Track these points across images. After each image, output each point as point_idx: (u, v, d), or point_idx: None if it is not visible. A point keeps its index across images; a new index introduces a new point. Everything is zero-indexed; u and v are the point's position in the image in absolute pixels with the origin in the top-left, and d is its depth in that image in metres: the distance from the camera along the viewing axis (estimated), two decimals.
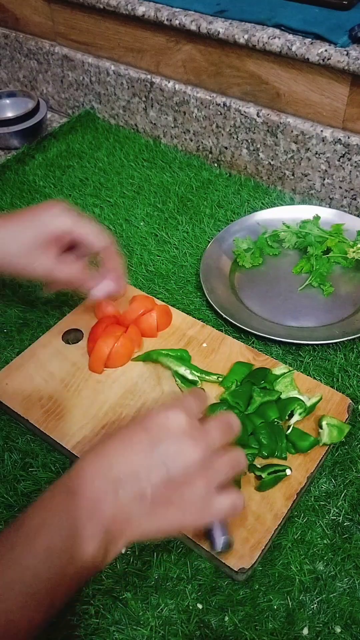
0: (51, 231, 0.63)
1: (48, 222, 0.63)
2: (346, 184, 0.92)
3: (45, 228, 0.63)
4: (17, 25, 1.23)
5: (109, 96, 1.15)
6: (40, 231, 0.63)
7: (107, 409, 0.67)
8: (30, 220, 0.63)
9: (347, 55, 0.80)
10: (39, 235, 0.63)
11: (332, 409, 0.65)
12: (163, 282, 0.85)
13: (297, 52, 0.83)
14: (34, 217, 0.63)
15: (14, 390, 0.69)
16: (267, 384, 0.67)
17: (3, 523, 0.60)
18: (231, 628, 0.52)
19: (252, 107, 0.96)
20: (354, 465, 0.63)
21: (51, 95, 1.28)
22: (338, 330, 0.75)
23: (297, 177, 0.97)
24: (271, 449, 0.61)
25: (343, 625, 0.52)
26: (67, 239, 0.65)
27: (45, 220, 0.63)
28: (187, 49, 0.98)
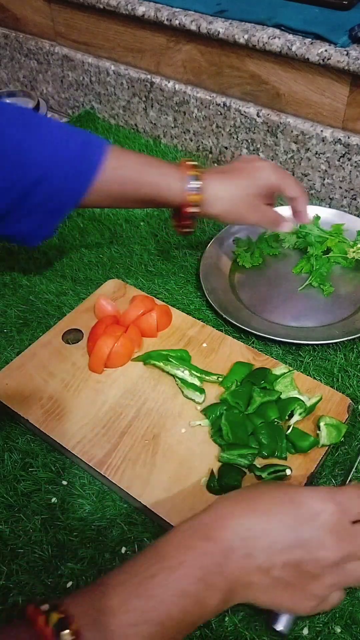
0: (262, 187, 0.73)
1: (259, 179, 0.72)
2: (346, 184, 0.92)
3: (258, 184, 0.72)
4: (17, 25, 1.23)
5: (109, 96, 1.15)
6: (254, 187, 0.72)
7: (107, 409, 0.67)
8: (245, 177, 0.72)
9: (347, 55, 0.80)
10: (252, 191, 0.72)
11: (332, 409, 0.65)
12: (163, 282, 0.85)
13: (297, 52, 0.83)
14: (249, 175, 0.72)
15: (14, 390, 0.69)
16: (267, 384, 0.67)
17: (3, 523, 0.60)
18: (231, 628, 0.52)
19: (252, 107, 0.96)
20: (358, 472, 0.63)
21: (51, 95, 1.28)
22: (338, 330, 0.75)
23: (297, 177, 0.97)
24: (271, 449, 0.61)
25: (343, 625, 0.52)
26: (270, 191, 0.74)
27: (257, 177, 0.72)
28: (187, 49, 0.98)
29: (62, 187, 0.67)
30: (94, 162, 0.67)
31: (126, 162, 0.69)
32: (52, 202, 0.67)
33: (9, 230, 0.69)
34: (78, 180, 0.67)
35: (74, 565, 0.57)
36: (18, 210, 0.67)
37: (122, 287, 0.81)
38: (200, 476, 0.60)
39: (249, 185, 0.72)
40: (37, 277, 0.86)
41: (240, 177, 0.72)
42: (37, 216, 0.68)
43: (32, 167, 0.64)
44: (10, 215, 0.67)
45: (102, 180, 0.68)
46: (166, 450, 0.63)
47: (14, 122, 0.65)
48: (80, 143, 0.67)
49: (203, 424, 0.65)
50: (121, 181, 0.69)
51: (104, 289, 0.81)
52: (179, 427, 0.65)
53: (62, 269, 0.87)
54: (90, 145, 0.68)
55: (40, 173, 0.65)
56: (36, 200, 0.66)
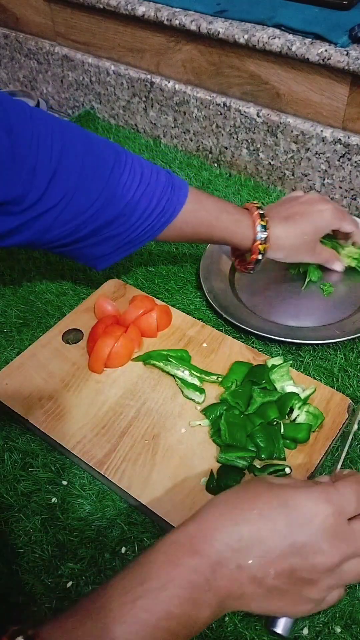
0: (322, 231, 0.77)
1: (320, 225, 0.76)
2: (346, 184, 0.92)
3: (319, 230, 0.77)
4: (17, 25, 1.23)
5: (109, 96, 1.15)
6: (314, 233, 0.77)
7: (107, 409, 0.67)
8: (308, 223, 0.75)
9: (347, 55, 0.80)
10: (312, 237, 0.77)
11: (332, 409, 0.65)
12: (163, 282, 0.85)
13: (297, 52, 0.83)
14: (311, 221, 0.75)
15: (14, 390, 0.69)
16: (268, 384, 0.67)
17: (2, 523, 0.60)
18: (231, 628, 0.52)
19: (252, 107, 0.96)
20: (354, 465, 0.63)
21: (51, 95, 1.28)
22: (338, 330, 0.75)
23: (297, 177, 0.97)
24: (269, 452, 0.61)
25: (343, 625, 0.52)
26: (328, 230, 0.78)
27: (319, 222, 0.76)
28: (187, 49, 0.98)
29: (142, 224, 0.70)
30: (177, 204, 0.70)
31: (204, 205, 0.72)
32: (130, 235, 0.70)
33: (82, 251, 0.71)
34: (159, 220, 0.70)
35: (74, 565, 0.57)
36: (96, 237, 0.69)
37: (122, 287, 0.81)
38: (200, 476, 0.60)
39: (311, 232, 0.76)
40: (37, 277, 0.86)
41: (302, 223, 0.75)
42: (112, 244, 0.71)
43: (118, 202, 0.67)
44: (87, 239, 0.69)
45: (179, 221, 0.71)
46: (166, 450, 0.63)
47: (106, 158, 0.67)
48: (165, 183, 0.70)
49: (203, 424, 0.65)
50: (197, 224, 0.72)
51: (104, 289, 0.81)
52: (179, 427, 0.65)
53: (62, 269, 0.87)
54: (173, 186, 0.70)
55: (125, 209, 0.68)
56: (116, 231, 0.69)
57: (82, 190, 0.65)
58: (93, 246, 0.70)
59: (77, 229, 0.66)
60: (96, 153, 0.67)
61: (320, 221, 0.76)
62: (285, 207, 0.77)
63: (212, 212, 0.72)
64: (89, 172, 0.65)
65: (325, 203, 0.77)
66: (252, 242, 0.73)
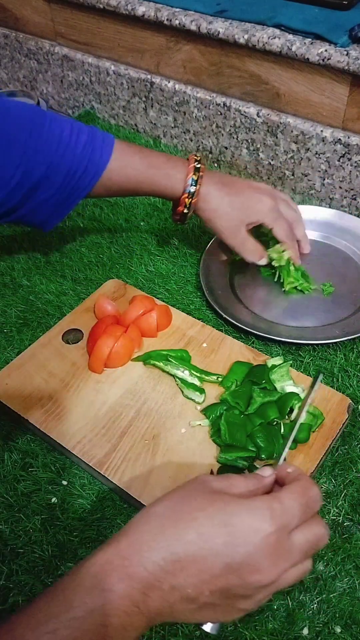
0: (251, 220, 0.76)
1: (252, 211, 0.75)
2: (346, 184, 0.92)
3: (248, 215, 0.75)
4: (17, 25, 1.23)
5: (109, 96, 1.15)
6: (243, 215, 0.75)
7: (107, 409, 0.67)
8: (240, 202, 0.75)
9: (347, 55, 0.80)
10: (240, 216, 0.75)
11: (332, 409, 0.65)
12: (163, 282, 0.85)
13: (297, 52, 0.83)
14: (244, 202, 0.75)
15: (14, 390, 0.69)
16: (268, 385, 0.67)
17: (3, 523, 0.60)
18: (231, 628, 0.52)
19: (252, 107, 0.96)
20: (354, 465, 0.63)
21: (51, 95, 1.28)
22: (338, 330, 0.75)
23: (297, 177, 0.97)
24: (269, 452, 0.61)
25: (343, 625, 0.52)
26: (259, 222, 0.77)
27: (251, 208, 0.75)
28: (187, 49, 0.98)
29: (69, 184, 0.71)
30: (99, 163, 0.71)
31: (130, 162, 0.73)
32: (60, 197, 0.72)
33: (23, 218, 0.73)
34: (84, 179, 0.71)
35: (74, 565, 0.56)
36: (28, 204, 0.71)
37: (122, 287, 0.81)
38: None
39: (239, 211, 0.75)
40: (37, 277, 0.86)
41: (236, 197, 0.75)
42: (45, 209, 0.73)
43: (39, 166, 0.68)
44: (22, 207, 0.71)
45: (104, 178, 0.72)
46: (166, 450, 0.63)
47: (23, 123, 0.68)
48: (85, 142, 0.71)
49: (203, 424, 0.65)
50: (123, 181, 0.74)
51: (104, 289, 0.81)
52: (179, 427, 0.65)
53: (62, 269, 0.87)
54: (94, 145, 0.71)
55: (48, 172, 0.69)
56: (43, 196, 0.71)
57: (1, 158, 0.66)
58: (30, 214, 0.72)
59: (6, 199, 0.68)
60: (12, 116, 0.68)
61: (253, 208, 0.75)
62: (229, 178, 0.77)
63: (140, 168, 0.73)
64: (5, 138, 0.66)
65: (270, 197, 0.76)
66: (180, 194, 0.74)
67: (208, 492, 0.42)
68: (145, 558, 0.38)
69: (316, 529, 0.42)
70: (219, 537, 0.39)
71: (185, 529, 0.39)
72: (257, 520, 0.39)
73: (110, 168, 0.72)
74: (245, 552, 0.39)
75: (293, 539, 0.40)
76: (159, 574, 0.38)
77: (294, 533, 0.41)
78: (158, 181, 0.73)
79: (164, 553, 0.39)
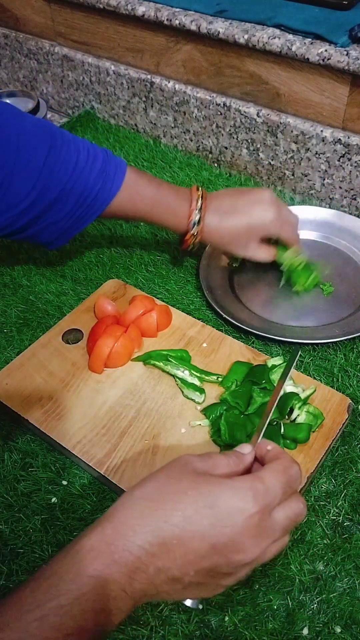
0: (257, 232, 0.76)
1: (256, 224, 0.75)
2: (346, 184, 0.92)
3: (254, 228, 0.76)
4: (17, 25, 1.23)
5: (109, 96, 1.15)
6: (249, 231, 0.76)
7: (107, 409, 0.67)
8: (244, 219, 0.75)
9: (347, 55, 0.80)
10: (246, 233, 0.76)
11: (332, 409, 0.65)
12: (163, 282, 0.85)
13: (297, 52, 0.83)
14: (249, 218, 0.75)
15: (14, 390, 0.69)
16: (268, 385, 0.67)
17: (3, 523, 0.60)
18: (231, 628, 0.52)
19: (252, 107, 0.96)
20: (354, 465, 0.63)
21: (51, 95, 1.28)
22: (338, 330, 0.75)
23: (297, 177, 0.97)
24: None
25: (343, 625, 0.52)
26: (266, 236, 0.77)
27: (255, 221, 0.75)
28: (187, 49, 0.98)
29: (79, 209, 0.72)
30: (111, 189, 0.72)
31: (140, 192, 0.74)
32: (69, 220, 0.73)
33: (30, 238, 0.74)
34: (94, 204, 0.72)
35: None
36: (37, 225, 0.71)
37: (122, 287, 0.81)
38: None
39: (244, 230, 0.75)
40: (37, 277, 0.86)
41: (238, 220, 0.75)
42: (53, 231, 0.73)
43: (54, 187, 0.69)
44: (31, 228, 0.71)
45: (114, 204, 0.73)
46: (166, 450, 0.63)
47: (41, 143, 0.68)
48: (100, 169, 0.71)
49: (203, 424, 0.65)
50: (132, 209, 0.75)
51: (104, 289, 0.81)
52: (179, 427, 0.65)
53: (62, 269, 0.87)
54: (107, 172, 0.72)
55: (61, 195, 0.69)
56: (54, 218, 0.71)
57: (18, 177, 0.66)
58: (37, 235, 0.73)
59: (15, 220, 0.69)
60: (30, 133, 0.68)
61: (257, 222, 0.75)
62: (230, 200, 0.76)
63: (148, 200, 0.74)
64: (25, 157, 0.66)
65: (272, 207, 0.75)
66: (184, 231, 0.75)
67: (192, 474, 0.42)
68: (130, 542, 0.39)
69: (295, 505, 0.43)
70: (204, 519, 0.40)
71: (170, 511, 0.40)
72: (241, 501, 0.40)
73: (120, 196, 0.73)
74: (231, 532, 0.40)
75: (274, 517, 0.42)
76: (145, 558, 0.39)
77: (275, 511, 0.42)
78: (164, 216, 0.75)
79: (149, 536, 0.39)
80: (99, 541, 0.39)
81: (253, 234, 0.76)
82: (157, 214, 0.75)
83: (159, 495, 0.41)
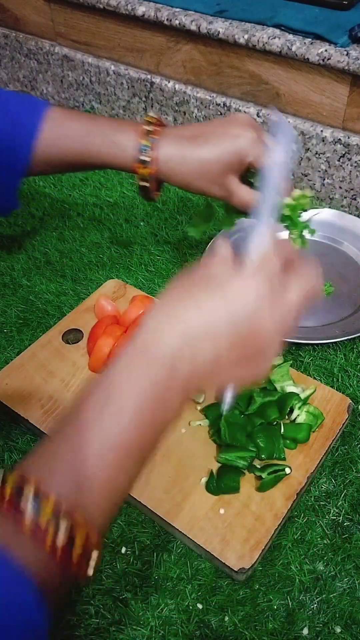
0: (230, 161, 0.62)
1: (228, 151, 0.62)
2: (346, 184, 0.92)
3: (225, 157, 0.62)
4: (17, 25, 1.23)
5: (109, 96, 1.15)
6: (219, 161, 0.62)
7: None
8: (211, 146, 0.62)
9: (347, 55, 0.80)
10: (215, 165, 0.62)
11: (332, 409, 0.65)
12: (163, 282, 0.85)
13: (297, 52, 0.83)
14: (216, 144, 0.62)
15: (13, 390, 0.69)
16: (268, 385, 0.67)
17: None
18: (231, 628, 0.52)
19: (252, 107, 0.96)
20: (354, 465, 0.63)
21: (51, 95, 1.28)
22: (338, 330, 0.75)
23: (297, 177, 0.97)
24: (269, 452, 0.61)
25: (343, 626, 0.52)
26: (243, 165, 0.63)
27: (226, 148, 0.62)
28: (187, 49, 0.98)
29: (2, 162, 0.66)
30: (28, 134, 0.64)
31: (67, 130, 0.65)
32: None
33: None
34: (16, 151, 0.65)
35: None
36: None
37: (122, 287, 0.81)
38: (200, 476, 0.60)
39: (214, 159, 0.62)
40: (37, 277, 0.86)
41: (205, 148, 0.62)
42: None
43: None
44: None
45: (42, 150, 0.65)
46: (166, 450, 0.63)
47: None
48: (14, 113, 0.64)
49: (203, 424, 0.65)
50: (63, 151, 0.65)
51: (104, 289, 0.81)
52: (178, 427, 0.65)
53: (62, 269, 0.87)
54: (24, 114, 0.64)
55: None
56: None
57: None
58: None
59: None
60: None
61: (232, 148, 0.62)
62: (195, 126, 0.65)
63: (78, 136, 0.64)
64: None
65: (245, 128, 0.62)
66: (132, 166, 0.63)
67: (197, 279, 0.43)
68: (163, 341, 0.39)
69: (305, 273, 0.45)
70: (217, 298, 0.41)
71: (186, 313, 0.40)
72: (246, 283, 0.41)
73: (44, 138, 0.64)
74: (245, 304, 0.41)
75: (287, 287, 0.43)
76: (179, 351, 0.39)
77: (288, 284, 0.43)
78: (101, 152, 0.64)
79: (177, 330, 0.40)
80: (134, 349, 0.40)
81: (229, 164, 0.62)
82: (96, 152, 0.64)
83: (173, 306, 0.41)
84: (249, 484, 0.60)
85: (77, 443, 0.37)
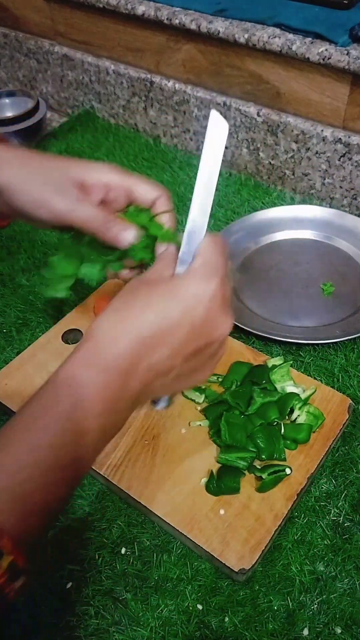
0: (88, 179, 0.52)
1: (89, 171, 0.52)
2: (347, 184, 0.92)
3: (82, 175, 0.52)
4: (17, 25, 1.23)
5: (108, 95, 1.15)
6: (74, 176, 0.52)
7: None
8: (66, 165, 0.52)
9: (347, 54, 0.79)
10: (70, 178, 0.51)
11: (332, 410, 0.65)
12: None
13: (298, 52, 0.83)
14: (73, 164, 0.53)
15: (13, 390, 0.69)
16: (268, 385, 0.67)
17: None
18: (231, 629, 0.52)
19: (252, 106, 0.95)
20: (354, 465, 0.63)
21: (51, 95, 1.27)
22: (338, 330, 0.75)
23: (298, 176, 0.97)
24: (269, 453, 0.61)
25: (343, 626, 0.52)
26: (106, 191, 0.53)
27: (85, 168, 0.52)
28: (187, 49, 0.98)
29: None
30: None
31: None
32: None
33: None
34: None
35: (74, 566, 0.56)
36: None
37: (122, 287, 0.81)
38: (200, 476, 0.60)
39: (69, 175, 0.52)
40: (37, 277, 0.86)
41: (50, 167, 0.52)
42: None
43: None
44: None
45: None
46: (166, 451, 0.63)
47: None
48: None
49: (203, 424, 0.65)
50: None
51: (104, 289, 0.81)
52: (179, 427, 0.65)
53: None
54: None
55: None
56: None
57: None
58: None
59: None
60: None
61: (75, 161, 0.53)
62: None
63: None
64: None
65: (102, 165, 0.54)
66: None
67: (144, 285, 0.44)
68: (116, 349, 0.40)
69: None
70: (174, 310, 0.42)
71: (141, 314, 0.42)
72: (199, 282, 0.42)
73: None
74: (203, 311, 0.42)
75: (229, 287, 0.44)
76: (133, 359, 0.40)
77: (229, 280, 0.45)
78: None
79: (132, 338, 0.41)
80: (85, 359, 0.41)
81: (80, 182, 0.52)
82: None
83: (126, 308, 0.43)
84: (249, 485, 0.59)
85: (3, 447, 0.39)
